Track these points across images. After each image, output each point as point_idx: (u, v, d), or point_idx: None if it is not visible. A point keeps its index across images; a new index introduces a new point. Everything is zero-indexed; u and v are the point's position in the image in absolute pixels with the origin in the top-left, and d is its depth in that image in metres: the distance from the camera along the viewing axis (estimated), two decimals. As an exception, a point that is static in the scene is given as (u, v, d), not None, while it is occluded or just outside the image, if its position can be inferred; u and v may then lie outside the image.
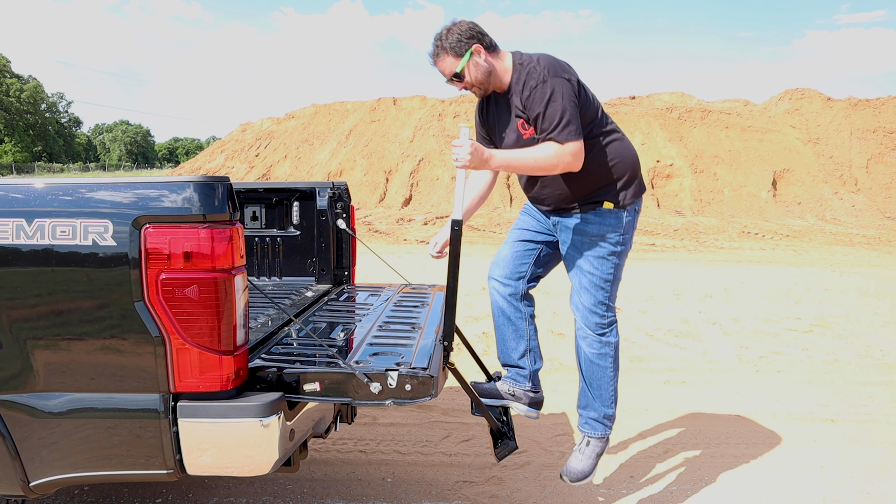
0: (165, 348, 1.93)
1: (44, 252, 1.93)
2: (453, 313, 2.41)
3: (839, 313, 7.37)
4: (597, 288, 2.76)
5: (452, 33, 2.58)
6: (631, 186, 2.73)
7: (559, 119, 2.44)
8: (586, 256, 2.75)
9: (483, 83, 2.64)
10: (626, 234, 2.74)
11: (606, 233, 2.71)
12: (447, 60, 2.59)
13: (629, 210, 2.73)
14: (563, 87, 2.48)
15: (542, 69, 2.51)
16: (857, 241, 14.79)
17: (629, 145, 2.80)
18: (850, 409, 4.44)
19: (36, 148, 68.61)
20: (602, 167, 2.68)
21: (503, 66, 2.64)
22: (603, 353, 2.81)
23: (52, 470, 2.04)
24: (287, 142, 25.01)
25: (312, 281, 3.92)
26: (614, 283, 2.78)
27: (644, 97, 24.60)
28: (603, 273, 2.74)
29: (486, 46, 2.60)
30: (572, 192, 2.72)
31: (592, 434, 2.93)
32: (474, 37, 2.58)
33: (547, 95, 2.46)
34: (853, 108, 22.01)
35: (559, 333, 6.29)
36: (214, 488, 3.26)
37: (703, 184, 19.44)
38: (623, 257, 2.77)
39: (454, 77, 2.62)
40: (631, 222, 2.75)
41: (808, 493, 3.28)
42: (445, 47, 2.58)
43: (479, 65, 2.59)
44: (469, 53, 2.56)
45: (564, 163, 2.49)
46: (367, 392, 2.08)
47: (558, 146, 2.46)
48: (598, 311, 2.79)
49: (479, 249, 13.22)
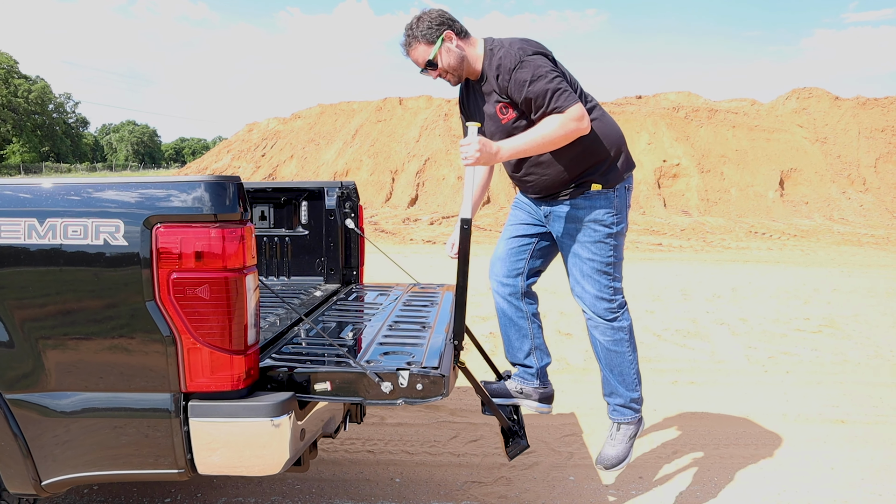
0: (176, 348, 1.93)
1: (55, 252, 1.93)
2: (463, 312, 2.40)
3: (848, 314, 7.33)
4: (599, 273, 2.69)
5: (423, 21, 2.56)
6: (617, 164, 2.67)
7: (551, 90, 2.40)
8: (582, 243, 2.69)
9: (457, 69, 2.61)
10: (620, 214, 2.68)
11: (599, 216, 2.64)
12: (419, 49, 2.58)
13: (618, 189, 2.67)
14: (541, 61, 2.44)
15: (515, 51, 2.47)
16: (865, 241, 14.71)
17: (611, 122, 2.72)
18: (860, 410, 4.41)
19: (44, 148, 68.99)
20: (585, 148, 2.60)
21: (475, 52, 2.61)
22: (618, 338, 2.75)
23: (64, 469, 2.05)
24: (293, 142, 25.06)
25: (321, 280, 3.92)
26: (616, 264, 2.71)
27: (650, 96, 24.54)
28: (602, 257, 2.67)
29: (457, 32, 2.58)
30: (557, 176, 2.66)
31: (622, 419, 2.89)
32: (444, 23, 2.56)
33: (529, 74, 2.42)
34: (861, 107, 21.89)
35: (566, 333, 6.27)
36: (223, 488, 3.27)
37: (709, 183, 19.37)
38: (620, 238, 2.71)
39: (427, 65, 2.60)
40: (622, 201, 2.69)
41: (819, 495, 3.26)
42: (417, 35, 2.56)
43: (451, 51, 2.57)
44: (441, 40, 2.54)
45: (572, 129, 2.42)
46: (379, 391, 2.07)
47: (560, 115, 2.41)
48: (604, 297, 2.72)
49: (485, 249, 13.22)
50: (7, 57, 66.46)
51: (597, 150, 2.62)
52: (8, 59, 66.34)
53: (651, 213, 17.85)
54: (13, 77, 66.58)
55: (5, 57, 66.15)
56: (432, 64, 2.58)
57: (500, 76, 2.50)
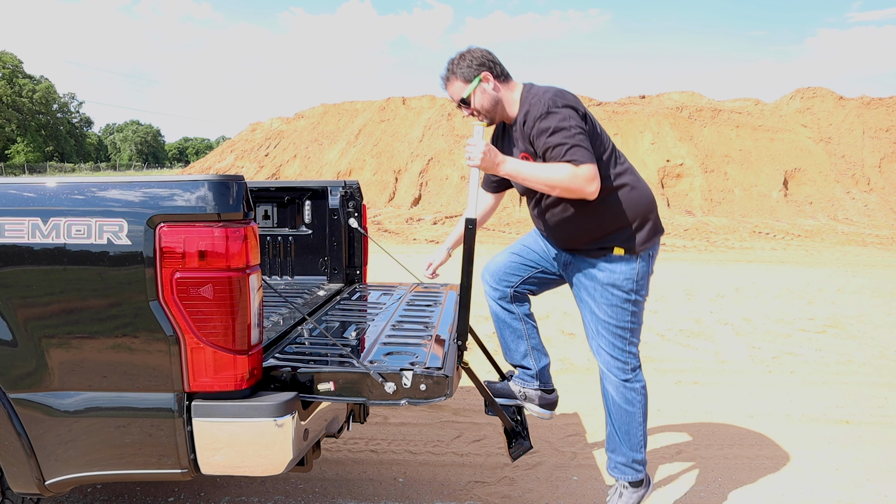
0: (180, 347, 1.93)
1: (59, 251, 1.93)
2: (467, 312, 2.39)
3: (853, 314, 7.30)
4: (614, 335, 2.65)
5: (464, 59, 2.58)
6: (643, 230, 2.61)
7: (569, 144, 2.36)
8: (599, 304, 2.65)
9: (489, 111, 2.61)
10: (641, 282, 2.62)
11: (618, 281, 2.59)
12: (456, 84, 2.60)
13: (642, 256, 2.61)
14: (569, 114, 2.41)
15: (546, 100, 2.44)
16: (869, 241, 14.66)
17: (643, 188, 2.66)
18: (865, 410, 4.39)
19: (48, 148, 69.18)
20: (612, 212, 2.56)
21: (512, 96, 2.60)
22: (629, 398, 2.71)
23: (68, 468, 2.05)
24: (297, 141, 25.08)
25: (324, 280, 3.92)
26: (634, 329, 2.67)
27: (654, 96, 24.50)
28: (619, 321, 2.63)
29: (495, 75, 2.57)
30: (580, 234, 2.62)
31: (621, 477, 2.83)
32: (485, 64, 2.56)
33: (553, 124, 2.39)
34: (866, 106, 21.82)
35: (570, 333, 6.27)
36: (226, 487, 3.27)
37: (713, 183, 19.33)
38: (640, 305, 2.65)
39: (461, 102, 2.62)
40: (645, 269, 2.63)
41: (824, 496, 3.25)
42: (455, 72, 2.59)
43: (486, 92, 2.57)
44: (477, 80, 2.55)
45: (578, 185, 2.35)
46: (382, 392, 2.07)
47: (573, 168, 2.34)
48: (618, 357, 2.68)
49: (487, 249, 13.21)
50: (12, 57, 66.68)
51: (624, 215, 2.57)
52: (13, 59, 66.55)
53: (654, 213, 17.76)
54: (18, 77, 66.78)
55: (10, 57, 66.38)
56: (466, 102, 2.60)
57: (526, 122, 2.49)
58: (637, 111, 21.79)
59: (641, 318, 2.69)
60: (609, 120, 21.28)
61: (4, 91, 62.36)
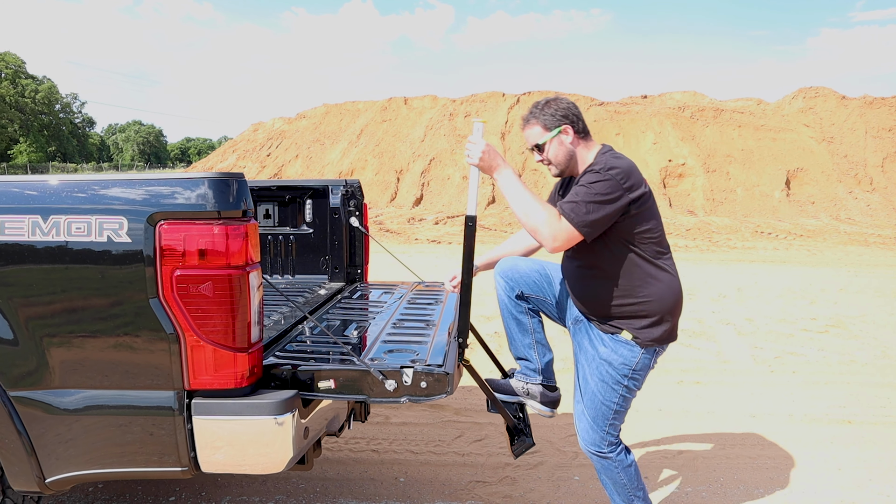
0: (180, 345, 1.93)
1: (59, 249, 1.93)
2: (468, 310, 2.39)
3: (855, 314, 7.29)
4: (597, 409, 2.60)
5: (549, 106, 2.54)
6: (659, 328, 2.53)
7: (583, 203, 2.31)
8: (592, 375, 2.60)
9: (561, 164, 2.56)
10: (638, 373, 2.56)
11: (616, 363, 2.54)
12: (535, 129, 2.55)
13: (648, 350, 2.54)
14: (611, 187, 2.34)
15: (607, 163, 2.39)
16: (872, 240, 14.63)
17: (674, 286, 2.57)
18: (868, 410, 4.38)
19: (50, 148, 69.28)
20: (637, 295, 2.49)
21: (586, 155, 2.54)
22: (609, 468, 2.64)
23: (68, 466, 2.05)
24: (298, 141, 25.10)
25: (325, 279, 3.92)
26: (618, 412, 2.60)
27: (656, 96, 24.49)
28: (606, 398, 2.57)
29: (576, 130, 2.53)
30: (596, 302, 2.58)
31: None
32: (568, 117, 2.52)
33: (592, 180, 2.34)
34: (868, 106, 21.78)
35: (571, 333, 6.26)
36: (227, 487, 3.26)
37: (715, 183, 19.31)
38: (631, 392, 2.59)
39: (535, 147, 2.57)
40: (646, 363, 2.56)
41: (826, 496, 3.24)
42: (538, 116, 2.54)
43: (563, 144, 2.52)
44: (557, 131, 2.51)
45: (546, 232, 2.33)
46: (383, 389, 2.07)
47: (553, 218, 2.32)
48: (597, 431, 2.62)
49: (489, 248, 13.20)
50: (14, 57, 66.78)
51: (646, 304, 2.51)
52: (15, 60, 66.66)
53: (656, 213, 17.73)
54: (20, 77, 66.88)
55: (12, 57, 66.48)
56: (540, 148, 2.56)
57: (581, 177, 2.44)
58: (639, 111, 21.78)
59: (628, 405, 2.61)
60: (611, 120, 21.27)
61: (7, 91, 62.46)
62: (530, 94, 23.09)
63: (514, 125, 21.75)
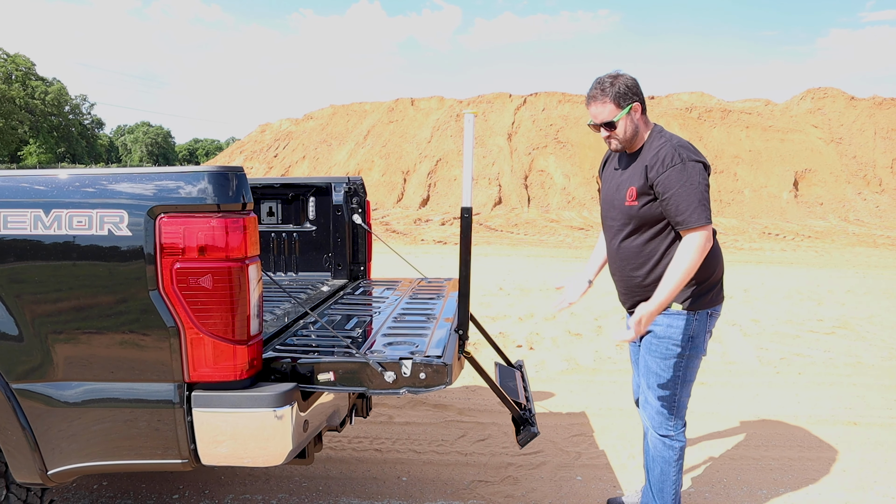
0: (180, 338, 1.93)
1: (60, 242, 1.94)
2: (467, 302, 2.38)
3: (862, 315, 7.24)
4: (661, 389, 2.65)
5: (620, 83, 2.53)
6: (707, 294, 2.60)
7: (697, 202, 2.40)
8: (653, 356, 2.65)
9: (628, 141, 2.59)
10: (696, 338, 2.61)
11: (672, 334, 2.59)
12: (607, 107, 2.54)
13: (700, 314, 2.60)
14: (700, 171, 2.46)
15: (676, 150, 2.47)
16: (881, 242, 14.53)
17: (719, 253, 2.67)
18: (874, 412, 4.35)
19: (59, 149, 69.72)
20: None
21: (644, 131, 2.61)
22: (666, 456, 2.71)
23: (70, 459, 2.06)
24: (305, 142, 25.15)
25: (328, 276, 3.93)
26: (682, 385, 2.65)
27: (663, 97, 24.40)
28: (667, 375, 2.63)
29: (643, 109, 2.58)
30: (642, 290, 2.63)
31: None
32: (638, 94, 2.55)
33: (685, 176, 2.42)
34: (877, 106, 21.63)
35: (576, 334, 6.24)
36: (230, 484, 3.27)
37: (722, 184, 19.23)
38: (693, 360, 2.64)
39: (605, 125, 2.57)
40: (701, 326, 2.61)
41: (830, 497, 3.22)
42: (609, 94, 2.53)
43: (632, 122, 2.56)
44: (629, 108, 2.53)
45: (700, 256, 2.42)
46: (382, 381, 2.07)
47: (692, 246, 2.40)
48: (664, 412, 2.68)
49: (496, 249, 13.19)
50: (25, 59, 67.27)
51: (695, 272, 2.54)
52: (25, 62, 67.14)
53: (663, 215, 17.67)
54: (30, 79, 67.36)
55: (23, 59, 66.96)
56: (611, 125, 2.56)
57: (655, 166, 2.48)
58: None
59: (693, 375, 2.67)
60: (618, 121, 21.18)
61: (17, 93, 62.91)
62: (537, 94, 23.07)
63: (520, 126, 21.74)
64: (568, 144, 20.67)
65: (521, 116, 22.07)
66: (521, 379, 3.03)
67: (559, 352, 5.62)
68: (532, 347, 5.71)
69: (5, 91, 59.50)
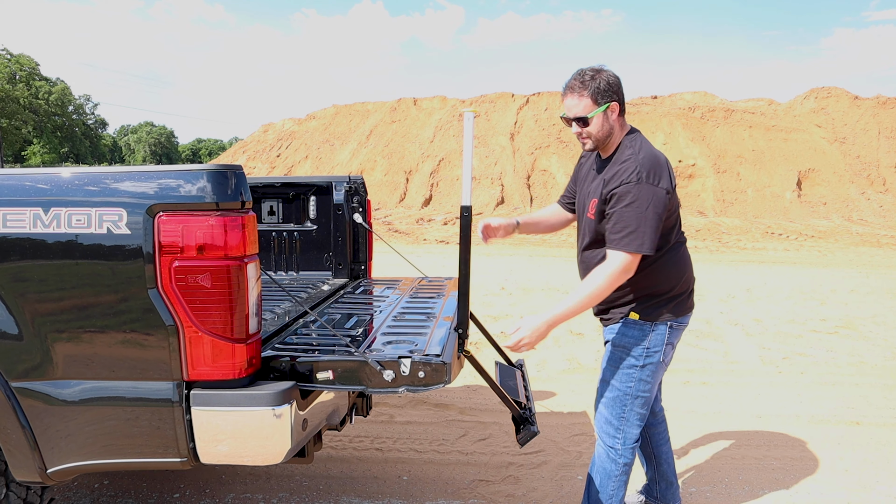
0: (179, 336, 1.93)
1: (59, 240, 1.95)
2: (467, 300, 2.37)
3: (865, 315, 7.21)
4: (613, 401, 2.58)
5: (601, 79, 2.41)
6: (665, 306, 2.52)
7: (635, 226, 2.29)
8: (608, 364, 2.61)
9: (601, 140, 2.48)
10: (654, 350, 2.52)
11: (626, 344, 2.54)
12: (583, 102, 2.42)
13: (658, 325, 2.52)
14: (654, 196, 2.32)
15: (638, 168, 2.34)
16: (884, 241, 14.48)
17: (682, 263, 2.57)
18: (876, 411, 4.33)
19: (63, 149, 69.84)
20: (644, 278, 2.46)
21: (618, 135, 2.50)
22: (608, 468, 2.62)
23: (69, 457, 2.06)
24: (308, 142, 25.18)
25: (329, 275, 3.93)
26: (633, 398, 2.55)
27: (666, 97, 24.37)
28: (619, 384, 2.55)
29: (621, 109, 2.47)
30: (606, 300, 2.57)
31: None
32: (618, 93, 2.44)
33: (633, 198, 2.31)
34: (881, 106, 21.57)
35: (578, 333, 6.23)
36: (231, 484, 3.27)
37: (725, 184, 19.20)
38: (647, 373, 2.54)
39: (578, 120, 2.45)
40: (659, 338, 2.52)
41: (832, 497, 3.21)
42: (588, 87, 2.40)
43: (607, 121, 2.44)
44: (606, 106, 2.41)
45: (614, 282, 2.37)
46: (381, 380, 2.07)
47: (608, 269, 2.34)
48: (611, 424, 2.60)
49: (498, 249, 13.18)
50: (28, 59, 67.39)
51: (650, 283, 2.50)
52: (29, 62, 67.25)
53: (666, 214, 17.66)
54: (34, 79, 67.48)
55: (27, 59, 67.09)
56: (584, 121, 2.44)
57: (611, 181, 2.38)
58: (649, 111, 21.69)
59: (649, 390, 2.57)
60: (620, 120, 21.16)
61: (21, 93, 63.05)
62: (539, 94, 23.06)
63: (523, 126, 21.73)
64: (571, 144, 20.65)
65: (523, 116, 22.06)
66: (522, 378, 3.02)
67: (560, 351, 5.61)
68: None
69: (9, 91, 59.65)
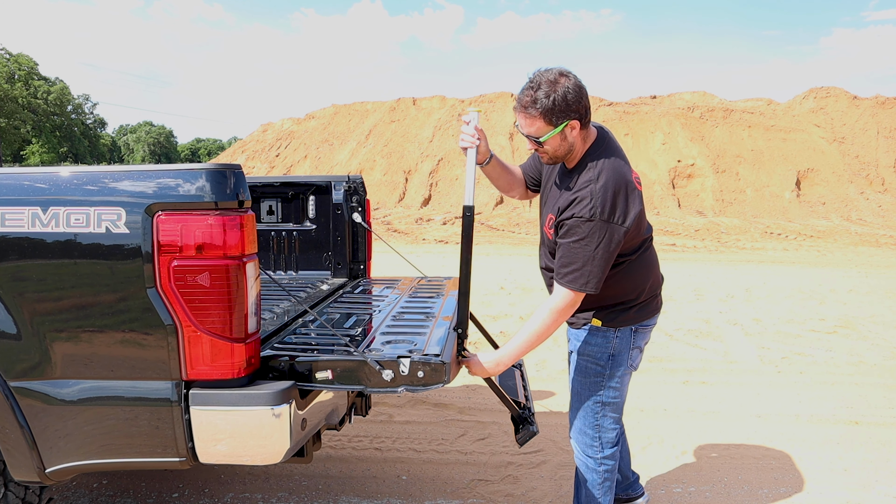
0: (177, 335, 1.93)
1: (58, 240, 1.94)
2: (467, 300, 2.37)
3: (864, 314, 7.22)
4: (585, 411, 2.52)
5: (555, 96, 2.14)
6: (628, 311, 2.43)
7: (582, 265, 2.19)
8: (575, 374, 2.54)
9: (559, 157, 2.31)
10: (619, 356, 2.44)
11: (592, 352, 2.46)
12: (536, 124, 2.19)
13: (622, 331, 2.43)
14: (605, 236, 2.17)
15: (594, 201, 2.16)
16: (883, 241, 14.49)
17: (644, 268, 2.45)
18: (876, 411, 4.33)
19: (62, 149, 69.77)
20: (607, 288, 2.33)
21: (582, 147, 2.30)
22: (591, 479, 2.58)
23: (67, 457, 2.05)
24: (307, 142, 25.17)
25: (328, 275, 3.92)
26: (604, 406, 2.49)
27: (665, 96, 24.39)
28: (587, 393, 2.50)
29: (582, 125, 2.22)
30: None
31: None
32: (577, 110, 2.17)
33: (584, 234, 2.18)
34: (880, 106, 21.59)
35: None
36: (230, 483, 3.27)
37: (724, 184, 19.20)
38: (615, 380, 2.47)
39: (530, 138, 2.26)
40: (623, 343, 2.44)
41: (832, 497, 3.21)
42: (540, 107, 2.15)
43: (565, 140, 2.23)
44: (563, 126, 2.18)
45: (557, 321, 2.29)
46: (380, 379, 2.06)
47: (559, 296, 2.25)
48: (587, 434, 2.54)
49: (497, 249, 13.19)
50: (28, 59, 67.31)
51: (615, 292, 2.40)
52: (28, 62, 67.18)
53: (665, 214, 17.72)
54: (33, 79, 67.41)
55: (26, 59, 67.02)
56: (537, 141, 2.25)
57: (566, 208, 2.23)
58: (648, 111, 21.69)
59: (618, 396, 2.50)
60: (620, 120, 21.20)
61: (20, 93, 62.98)
62: (539, 94, 23.02)
63: (522, 126, 21.70)
64: (570, 144, 20.62)
65: (522, 116, 22.02)
66: (521, 378, 3.02)
67: (560, 350, 5.61)
68: (533, 347, 5.69)
69: (8, 91, 59.60)
